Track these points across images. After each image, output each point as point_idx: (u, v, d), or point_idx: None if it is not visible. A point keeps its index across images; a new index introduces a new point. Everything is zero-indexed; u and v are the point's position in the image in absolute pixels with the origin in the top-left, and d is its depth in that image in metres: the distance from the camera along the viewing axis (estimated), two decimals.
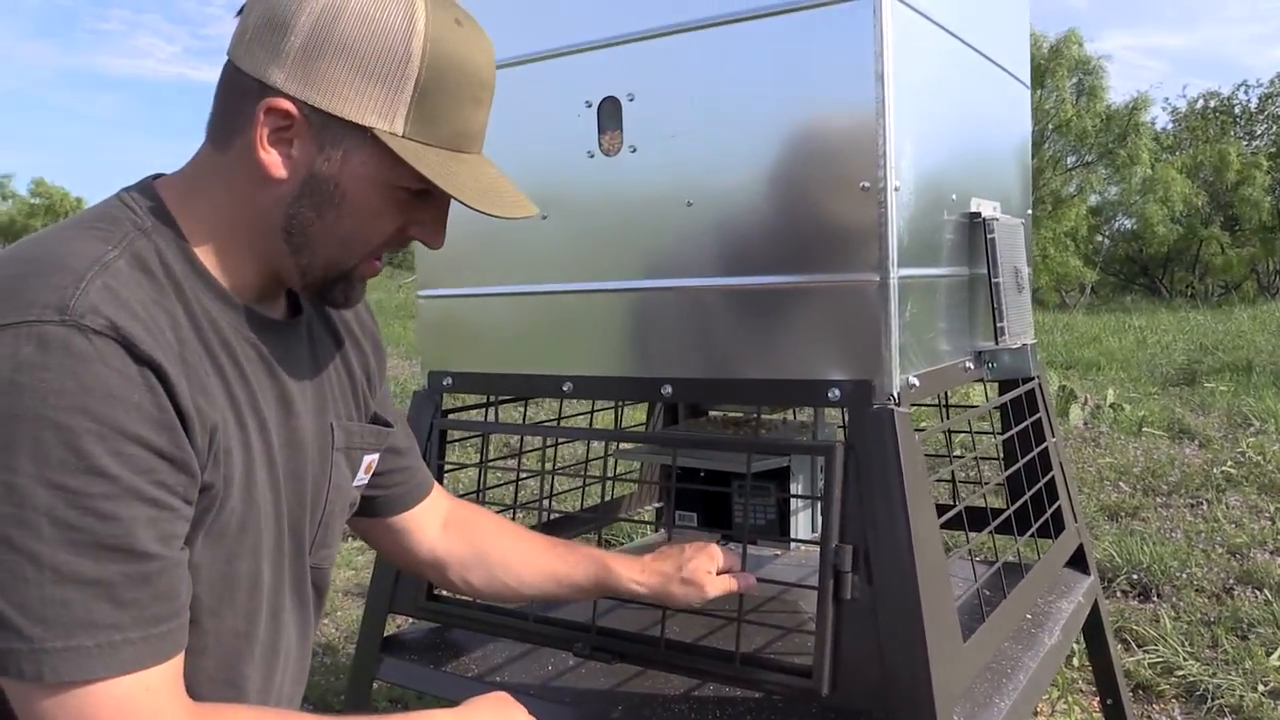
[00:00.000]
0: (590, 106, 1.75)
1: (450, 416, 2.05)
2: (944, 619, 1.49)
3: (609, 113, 1.74)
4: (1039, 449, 2.20)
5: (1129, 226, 21.17)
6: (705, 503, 2.19)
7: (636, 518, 2.75)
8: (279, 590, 1.09)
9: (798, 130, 1.56)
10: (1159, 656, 3.08)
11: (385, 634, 2.04)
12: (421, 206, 1.03)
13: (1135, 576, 3.79)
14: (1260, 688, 2.87)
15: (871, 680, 1.46)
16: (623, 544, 3.88)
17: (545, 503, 2.25)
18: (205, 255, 0.99)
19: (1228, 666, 3.02)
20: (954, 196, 1.79)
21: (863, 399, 1.51)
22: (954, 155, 1.81)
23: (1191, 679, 2.93)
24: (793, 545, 2.07)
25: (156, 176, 1.05)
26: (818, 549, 1.53)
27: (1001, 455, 2.26)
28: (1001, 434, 2.18)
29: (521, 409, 2.37)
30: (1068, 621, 2.09)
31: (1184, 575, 3.78)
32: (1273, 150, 21.22)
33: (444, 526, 1.47)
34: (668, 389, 1.70)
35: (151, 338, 0.87)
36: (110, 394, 0.82)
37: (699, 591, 1.52)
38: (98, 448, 0.81)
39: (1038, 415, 2.26)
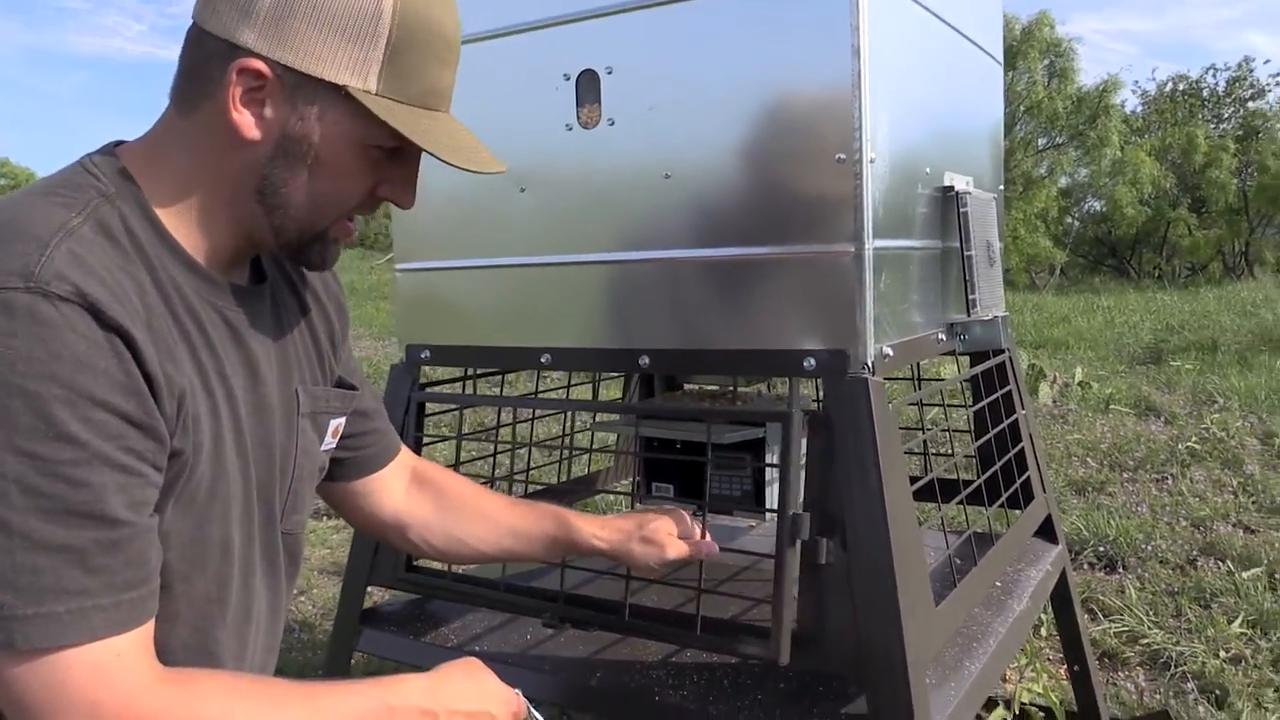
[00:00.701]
0: (568, 79, 1.76)
1: (428, 390, 2.06)
2: (917, 584, 1.53)
3: (587, 85, 1.74)
4: (1009, 420, 2.23)
5: (1098, 208, 21.36)
6: (682, 474, 2.21)
7: (613, 491, 2.77)
8: (250, 557, 1.10)
9: (775, 103, 1.57)
10: (1124, 626, 3.15)
11: (364, 606, 2.06)
12: (393, 165, 1.03)
13: (1102, 549, 3.87)
14: (1222, 654, 2.95)
15: (844, 645, 1.49)
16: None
17: (521, 477, 2.27)
18: (170, 221, 0.98)
19: (1190, 635, 3.09)
20: (928, 170, 1.81)
21: (838, 369, 1.54)
22: (928, 130, 1.83)
23: (1156, 647, 3.00)
24: (768, 516, 2.09)
25: (119, 143, 1.04)
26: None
27: (972, 427, 2.30)
28: (973, 406, 2.21)
29: (498, 387, 2.37)
30: (1036, 589, 2.14)
31: (1149, 547, 3.86)
32: (1239, 134, 21.47)
33: (408, 488, 1.48)
34: (645, 360, 1.71)
35: (119, 304, 0.86)
36: (78, 360, 0.82)
37: (659, 551, 1.52)
38: (66, 414, 0.81)
39: (1008, 388, 2.29)
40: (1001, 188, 2.30)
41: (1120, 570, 3.71)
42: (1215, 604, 3.30)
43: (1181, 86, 23.69)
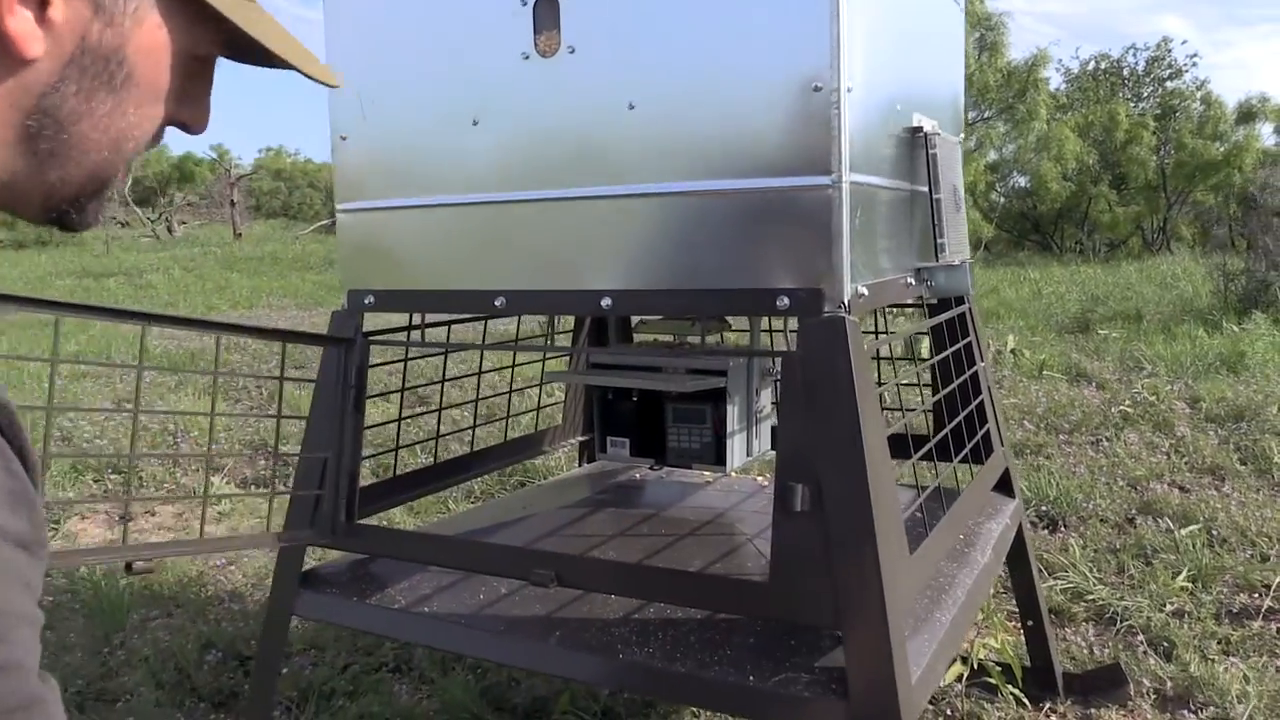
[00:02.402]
0: (525, 4, 1.65)
1: (374, 338, 1.95)
2: (894, 533, 1.47)
3: (545, 11, 1.64)
4: (970, 373, 2.20)
5: (1023, 184, 21.73)
6: (638, 428, 2.13)
7: (564, 449, 2.69)
8: None
9: (748, 29, 1.49)
10: (1069, 583, 3.16)
11: (304, 568, 1.94)
12: (197, 79, 0.80)
13: (1044, 509, 3.89)
14: (1166, 608, 2.98)
15: (819, 596, 1.43)
16: (547, 479, 3.82)
17: (467, 435, 2.17)
18: None
19: (1134, 590, 3.12)
20: (898, 108, 1.74)
21: (813, 307, 1.47)
22: (899, 67, 1.76)
23: (1101, 603, 3.02)
24: (730, 470, 2.03)
25: None
26: (753, 475, 1.49)
27: (934, 378, 2.26)
28: (935, 356, 2.17)
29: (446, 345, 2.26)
30: (997, 542, 2.11)
31: (1089, 506, 3.90)
32: (1157, 113, 21.99)
33: None
34: (607, 302, 1.62)
35: None
36: None
37: None
38: None
39: (969, 339, 2.26)
40: (961, 135, 2.25)
41: (1062, 529, 3.74)
42: (1156, 560, 3.34)
43: (1103, 66, 24.20)
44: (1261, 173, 12.89)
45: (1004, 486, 2.36)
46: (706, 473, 2.36)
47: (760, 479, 2.42)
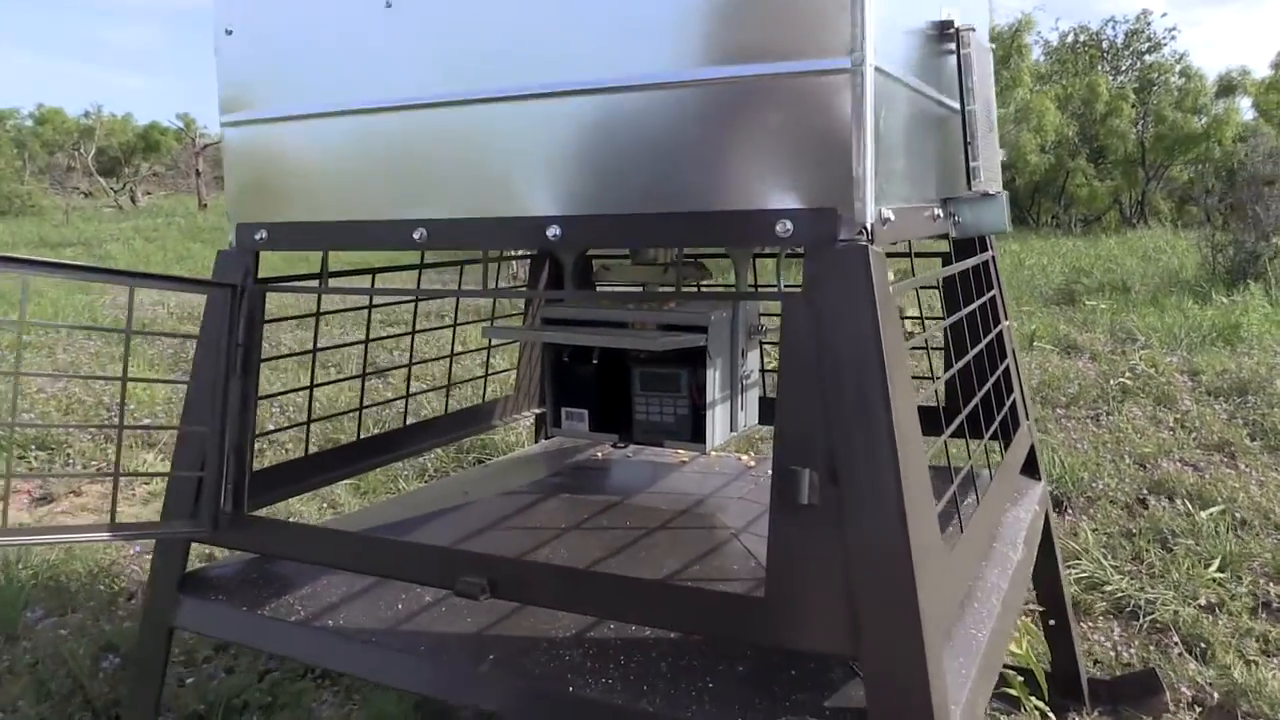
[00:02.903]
0: None
1: (269, 284, 1.57)
2: (929, 530, 1.12)
3: None
4: (995, 332, 1.85)
5: (1003, 156, 21.48)
6: (598, 397, 1.76)
7: (513, 424, 2.32)
8: None
9: None
10: (1084, 571, 2.84)
11: (186, 569, 1.57)
12: None
13: (1049, 488, 3.57)
14: (1201, 599, 2.66)
15: (832, 613, 1.08)
16: (496, 456, 3.44)
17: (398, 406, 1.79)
18: None
19: (1155, 580, 2.81)
20: None
21: (825, 233, 1.10)
22: None
23: (1120, 595, 2.70)
24: (709, 448, 1.67)
25: None
26: (736, 455, 1.13)
27: (947, 341, 1.91)
28: (948, 318, 1.81)
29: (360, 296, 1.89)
30: (1028, 534, 1.77)
31: (1098, 486, 3.58)
32: (1136, 86, 21.75)
33: None
34: (555, 230, 1.25)
35: None
36: None
37: None
38: None
39: (993, 292, 1.91)
40: (992, 45, 1.88)
41: (1070, 512, 3.42)
42: (1176, 546, 3.02)
43: (1083, 38, 23.91)
44: (1252, 140, 12.64)
45: (1029, 467, 2.02)
46: (681, 451, 2.00)
47: (744, 458, 2.06)
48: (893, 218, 1.17)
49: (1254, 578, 2.81)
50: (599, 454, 2.14)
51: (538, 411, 2.29)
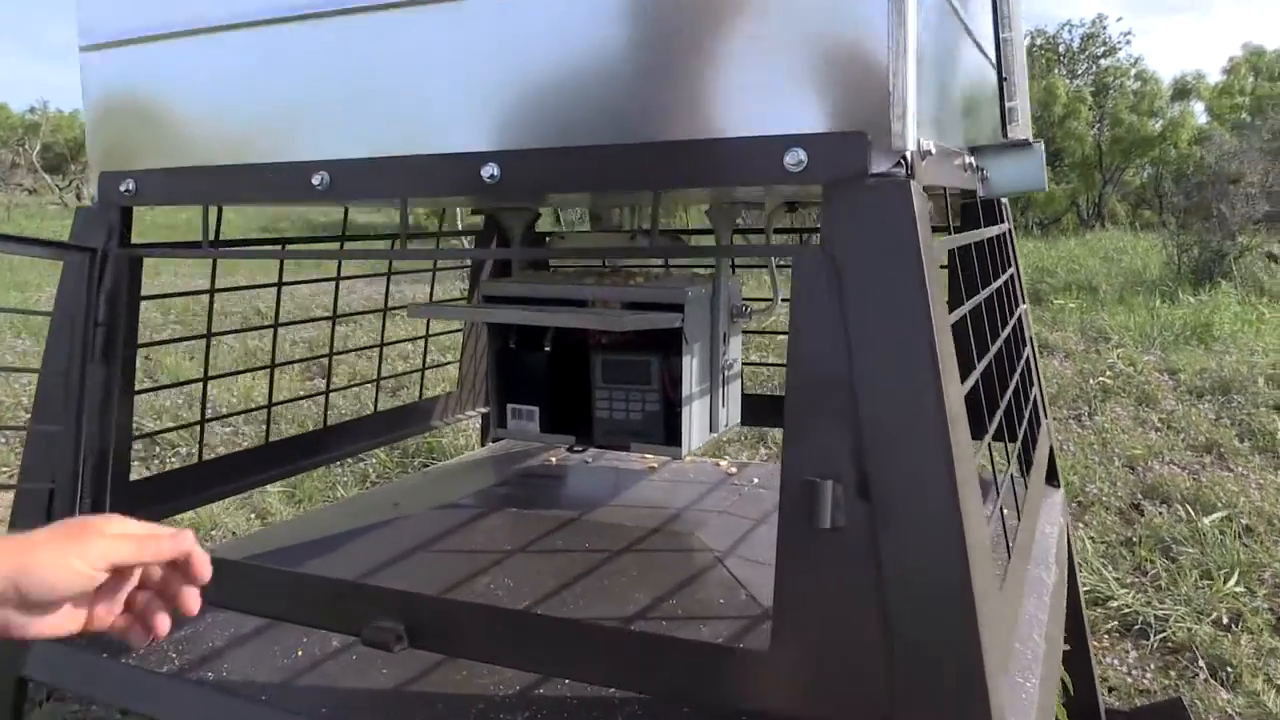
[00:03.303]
0: None
1: (139, 249, 1.26)
2: (985, 558, 0.84)
3: None
4: (1015, 317, 1.59)
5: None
6: (552, 392, 1.47)
7: (456, 424, 2.02)
8: None
9: None
10: (1085, 585, 2.60)
11: None
12: None
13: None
14: (1217, 616, 2.42)
15: (864, 674, 0.80)
16: (440, 460, 3.10)
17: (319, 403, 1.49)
18: None
19: (1162, 593, 2.57)
20: None
21: (853, 165, 0.82)
22: None
23: (1127, 610, 2.47)
24: (684, 453, 1.38)
25: None
26: (712, 461, 0.85)
27: (967, 326, 1.64)
28: (967, 294, 1.54)
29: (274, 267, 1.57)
30: (1057, 552, 1.51)
31: (1090, 491, 3.35)
32: (1092, 90, 21.89)
33: None
34: (492, 170, 0.96)
35: None
36: None
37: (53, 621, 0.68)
38: None
39: (1010, 270, 1.65)
40: None
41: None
42: (1181, 555, 2.79)
43: (1039, 41, 24.03)
44: (1215, 139, 12.64)
45: (1049, 473, 1.77)
46: (650, 456, 1.72)
47: (722, 464, 1.78)
48: (934, 151, 0.89)
49: (1269, 590, 2.59)
50: (552, 459, 1.85)
51: (483, 410, 2.00)
